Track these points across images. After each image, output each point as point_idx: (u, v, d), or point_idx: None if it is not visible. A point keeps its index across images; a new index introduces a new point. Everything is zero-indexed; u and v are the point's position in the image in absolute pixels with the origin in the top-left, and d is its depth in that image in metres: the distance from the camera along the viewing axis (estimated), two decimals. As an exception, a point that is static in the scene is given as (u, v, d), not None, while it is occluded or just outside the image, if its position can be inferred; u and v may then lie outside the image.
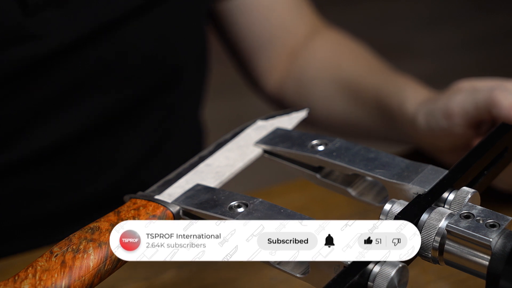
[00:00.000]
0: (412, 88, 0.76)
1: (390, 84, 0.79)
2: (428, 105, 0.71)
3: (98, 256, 0.47)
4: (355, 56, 0.88)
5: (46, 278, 0.45)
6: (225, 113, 2.07)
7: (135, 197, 0.51)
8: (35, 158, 0.75)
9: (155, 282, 0.66)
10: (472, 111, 0.66)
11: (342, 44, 0.89)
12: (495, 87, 0.66)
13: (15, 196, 0.77)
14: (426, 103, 0.72)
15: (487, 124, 0.68)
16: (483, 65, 2.38)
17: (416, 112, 0.72)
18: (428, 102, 0.71)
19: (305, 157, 0.54)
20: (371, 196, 0.54)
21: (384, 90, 0.78)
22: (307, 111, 0.60)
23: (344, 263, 0.44)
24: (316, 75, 0.87)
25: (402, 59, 2.38)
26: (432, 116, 0.70)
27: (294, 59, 0.88)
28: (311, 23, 0.90)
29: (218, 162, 0.55)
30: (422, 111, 0.71)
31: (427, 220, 0.46)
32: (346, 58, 0.87)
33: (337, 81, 0.85)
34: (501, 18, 2.64)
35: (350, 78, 0.84)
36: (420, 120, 0.71)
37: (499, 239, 0.44)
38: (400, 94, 0.76)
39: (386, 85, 0.79)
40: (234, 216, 0.48)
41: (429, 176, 0.50)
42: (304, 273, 0.47)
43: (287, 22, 0.89)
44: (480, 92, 0.66)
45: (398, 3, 2.74)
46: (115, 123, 0.78)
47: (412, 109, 0.73)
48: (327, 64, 0.87)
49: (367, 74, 0.84)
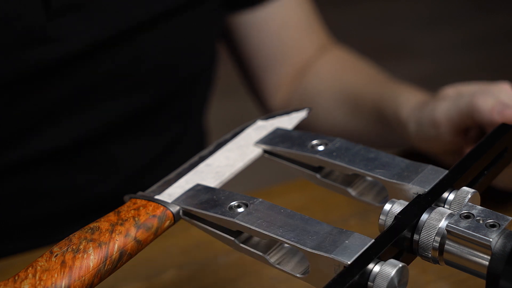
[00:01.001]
0: (406, 93, 0.76)
1: (386, 92, 0.79)
2: (417, 113, 0.71)
3: (98, 256, 0.47)
4: (356, 69, 0.88)
5: (46, 278, 0.45)
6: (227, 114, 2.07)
7: (135, 197, 0.51)
8: (40, 159, 0.76)
9: (155, 282, 0.66)
10: (456, 118, 0.67)
11: (345, 59, 0.90)
12: (476, 92, 0.66)
13: (16, 196, 0.77)
14: (416, 109, 0.72)
15: (474, 130, 0.68)
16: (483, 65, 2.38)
17: (408, 118, 0.72)
18: (418, 109, 0.72)
19: (305, 157, 0.54)
20: (371, 196, 0.54)
21: (381, 99, 0.79)
22: (307, 111, 0.60)
23: (344, 263, 0.44)
24: (319, 89, 0.88)
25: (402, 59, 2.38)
26: (420, 125, 0.70)
27: (301, 77, 0.89)
28: (319, 41, 0.90)
29: (218, 162, 0.55)
30: (412, 118, 0.71)
31: (427, 220, 0.46)
32: (349, 72, 0.88)
33: (338, 92, 0.86)
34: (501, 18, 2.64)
35: (350, 89, 0.85)
36: (411, 128, 0.71)
37: (499, 239, 0.44)
38: (396, 100, 0.76)
39: (383, 94, 0.79)
40: (234, 216, 0.48)
41: (429, 176, 0.50)
42: (304, 273, 0.47)
43: (298, 41, 0.89)
44: (462, 98, 0.66)
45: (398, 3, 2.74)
46: (123, 129, 0.79)
47: (405, 114, 0.73)
48: (330, 78, 0.88)
49: (366, 85, 0.84)
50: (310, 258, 0.45)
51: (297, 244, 0.46)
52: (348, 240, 0.45)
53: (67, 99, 0.74)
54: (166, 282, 0.66)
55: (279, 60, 0.89)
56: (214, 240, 0.51)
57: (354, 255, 0.44)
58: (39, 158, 0.76)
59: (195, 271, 0.66)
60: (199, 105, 0.87)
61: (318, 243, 0.45)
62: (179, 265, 0.67)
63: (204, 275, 0.66)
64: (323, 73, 0.88)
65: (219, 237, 0.50)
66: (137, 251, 0.49)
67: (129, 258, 0.48)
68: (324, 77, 0.88)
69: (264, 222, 0.48)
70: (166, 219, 0.50)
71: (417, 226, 0.46)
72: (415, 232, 0.46)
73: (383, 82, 0.83)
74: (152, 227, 0.49)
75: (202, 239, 0.68)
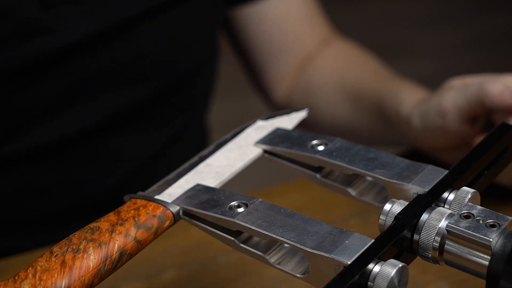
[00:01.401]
0: (408, 90, 0.76)
1: (388, 89, 0.79)
2: (421, 105, 0.71)
3: (98, 256, 0.47)
4: (359, 63, 0.88)
5: (46, 278, 0.45)
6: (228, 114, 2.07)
7: (135, 197, 0.51)
8: (40, 153, 0.76)
9: (155, 282, 0.66)
10: (464, 106, 0.67)
11: (349, 53, 0.90)
12: (484, 80, 0.67)
13: (16, 192, 0.77)
14: (420, 104, 0.72)
15: (482, 119, 0.68)
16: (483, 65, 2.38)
17: (411, 113, 0.72)
18: (422, 102, 0.72)
19: (305, 157, 0.54)
20: (371, 196, 0.54)
21: (383, 95, 0.79)
22: (307, 111, 0.60)
23: (344, 263, 0.44)
24: (321, 83, 0.88)
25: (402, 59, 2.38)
26: (426, 116, 0.70)
27: (304, 69, 0.89)
28: (322, 34, 0.90)
29: (218, 162, 0.55)
30: (416, 112, 0.71)
31: (427, 220, 0.46)
32: (351, 66, 0.88)
33: (340, 87, 0.86)
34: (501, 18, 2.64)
35: (352, 84, 0.85)
36: (415, 121, 0.71)
37: (499, 239, 0.44)
38: (397, 97, 0.76)
39: (385, 90, 0.79)
40: (234, 216, 0.48)
41: (429, 176, 0.50)
42: (304, 273, 0.47)
43: (300, 33, 0.89)
44: (470, 87, 0.67)
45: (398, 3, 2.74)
46: (123, 123, 0.78)
47: (406, 110, 0.73)
48: (332, 72, 0.88)
49: (369, 80, 0.84)
50: (310, 258, 0.45)
51: (297, 244, 0.46)
52: (348, 240, 0.45)
53: (66, 92, 0.74)
54: (166, 282, 0.66)
55: (281, 53, 0.89)
56: (214, 240, 0.51)
57: (354, 255, 0.44)
58: (38, 152, 0.75)
59: (195, 271, 0.66)
60: (200, 100, 0.87)
61: (318, 243, 0.45)
62: (179, 265, 0.67)
63: (204, 275, 0.66)
64: (326, 67, 0.88)
65: (219, 237, 0.50)
66: (137, 251, 0.49)
67: (129, 258, 0.48)
68: (327, 71, 0.88)
69: (264, 222, 0.48)
70: (166, 219, 0.50)
71: (417, 226, 0.46)
72: (415, 232, 0.46)
73: (386, 79, 0.83)
74: (152, 227, 0.49)
75: (202, 239, 0.68)
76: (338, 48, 0.90)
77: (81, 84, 0.74)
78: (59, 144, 0.76)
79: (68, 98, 0.74)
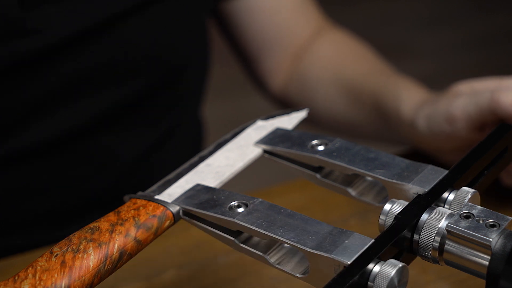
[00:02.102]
0: (408, 89, 0.76)
1: (388, 86, 0.79)
2: (427, 108, 0.71)
3: (98, 256, 0.47)
4: (357, 57, 0.88)
5: (46, 278, 0.45)
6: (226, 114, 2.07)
7: (135, 197, 0.51)
8: (32, 152, 0.75)
9: (155, 282, 0.66)
10: (475, 114, 0.66)
11: (345, 44, 0.90)
12: (495, 88, 0.66)
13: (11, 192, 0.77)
14: (425, 106, 0.71)
15: (491, 126, 0.68)
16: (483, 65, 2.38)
17: (415, 115, 0.72)
18: (427, 105, 0.71)
19: (305, 157, 0.54)
20: (371, 196, 0.54)
21: (382, 92, 0.79)
22: (307, 111, 0.60)
23: (344, 263, 0.44)
24: (318, 76, 0.87)
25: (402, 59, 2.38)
26: (433, 121, 0.70)
27: (299, 59, 0.89)
28: (316, 24, 0.90)
29: (218, 162, 0.55)
30: (421, 114, 0.71)
31: (427, 220, 0.46)
32: (348, 59, 0.88)
33: (338, 82, 0.85)
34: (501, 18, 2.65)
35: (350, 79, 0.85)
36: (421, 124, 0.71)
37: (499, 239, 0.44)
38: (396, 96, 0.76)
39: (384, 87, 0.79)
40: (234, 216, 0.48)
41: (429, 176, 0.50)
42: (304, 273, 0.47)
43: (293, 23, 0.89)
44: (481, 95, 0.66)
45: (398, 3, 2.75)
46: (115, 119, 0.78)
47: (408, 111, 0.73)
48: (329, 64, 0.87)
49: (367, 75, 0.84)
50: (310, 258, 0.45)
51: (297, 244, 0.46)
52: (348, 240, 0.45)
53: (54, 91, 0.73)
54: (166, 282, 0.66)
55: (274, 43, 0.89)
56: (214, 240, 0.51)
57: (354, 255, 0.44)
58: (30, 152, 0.75)
59: (195, 271, 0.66)
60: (192, 95, 0.87)
61: (318, 243, 0.45)
62: (179, 265, 0.67)
63: (204, 275, 0.66)
64: (322, 58, 0.88)
65: (219, 237, 0.50)
66: (137, 251, 0.49)
67: (129, 258, 0.48)
68: (323, 63, 0.88)
69: (264, 222, 0.48)
70: (166, 219, 0.50)
71: (417, 226, 0.46)
72: (415, 232, 0.46)
73: (384, 74, 0.83)
74: (152, 227, 0.49)
75: (202, 239, 0.68)
76: (334, 38, 0.90)
77: (68, 83, 0.74)
78: (49, 144, 0.75)
79: (56, 98, 0.74)
